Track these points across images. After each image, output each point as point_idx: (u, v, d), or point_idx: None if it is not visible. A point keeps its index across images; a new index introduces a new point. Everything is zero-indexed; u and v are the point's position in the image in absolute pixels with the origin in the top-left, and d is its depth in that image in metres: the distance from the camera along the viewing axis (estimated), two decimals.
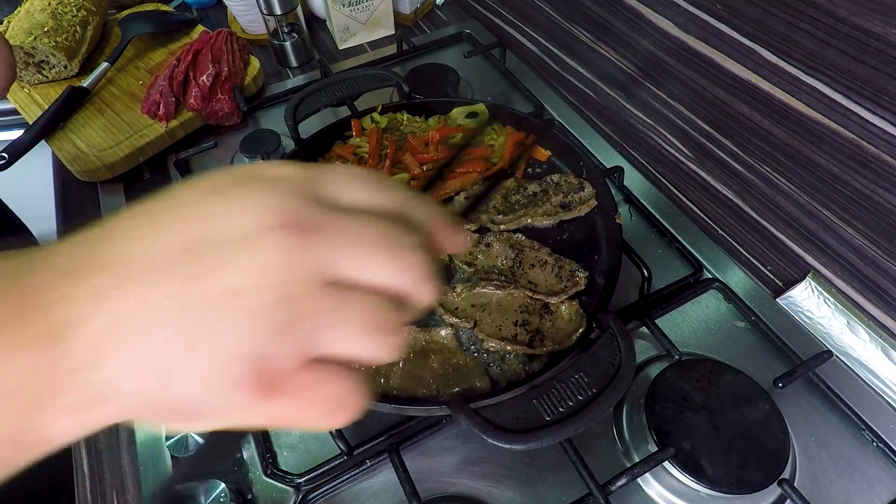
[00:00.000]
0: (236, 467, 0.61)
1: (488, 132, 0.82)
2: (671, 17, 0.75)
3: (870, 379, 0.64)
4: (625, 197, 0.82)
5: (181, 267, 0.24)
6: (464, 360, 0.60)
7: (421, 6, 1.22)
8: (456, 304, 0.64)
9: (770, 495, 0.57)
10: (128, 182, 0.92)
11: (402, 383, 0.58)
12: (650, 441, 0.58)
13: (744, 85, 0.68)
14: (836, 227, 0.64)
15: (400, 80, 0.83)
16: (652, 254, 0.76)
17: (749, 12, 0.64)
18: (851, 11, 0.54)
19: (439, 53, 1.12)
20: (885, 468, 0.59)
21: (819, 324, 0.68)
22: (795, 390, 0.63)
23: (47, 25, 0.98)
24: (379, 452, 0.60)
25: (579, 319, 0.62)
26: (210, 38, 1.00)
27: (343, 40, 1.15)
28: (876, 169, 0.57)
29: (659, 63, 0.80)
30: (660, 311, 0.70)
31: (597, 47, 0.91)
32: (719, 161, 0.76)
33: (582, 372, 0.50)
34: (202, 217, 0.26)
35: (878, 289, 0.63)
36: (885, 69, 0.53)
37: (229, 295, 0.24)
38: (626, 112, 0.90)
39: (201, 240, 0.25)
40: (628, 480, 0.55)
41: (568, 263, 0.67)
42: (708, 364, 0.62)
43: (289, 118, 0.78)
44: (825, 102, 0.59)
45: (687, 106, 0.78)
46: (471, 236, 0.71)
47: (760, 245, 0.75)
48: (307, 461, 0.60)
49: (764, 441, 0.57)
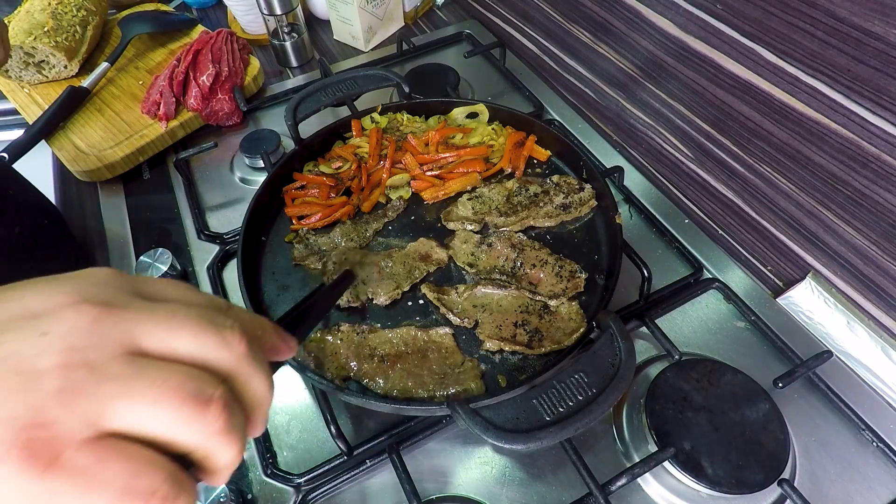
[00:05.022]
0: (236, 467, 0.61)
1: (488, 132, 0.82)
2: (671, 17, 0.75)
3: (870, 379, 0.64)
4: (625, 197, 0.82)
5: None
6: (461, 360, 0.60)
7: (421, 5, 1.22)
8: (458, 304, 0.64)
9: (770, 495, 0.57)
10: (128, 182, 0.92)
11: (401, 382, 0.58)
12: (650, 441, 0.58)
13: (744, 85, 0.68)
14: (836, 227, 0.64)
15: (400, 80, 0.83)
16: (652, 254, 0.76)
17: (749, 12, 0.64)
18: (851, 11, 0.54)
19: (439, 53, 1.12)
20: (885, 468, 0.59)
21: (819, 324, 0.68)
22: (795, 390, 0.63)
23: (47, 25, 0.98)
24: (379, 452, 0.60)
25: (579, 319, 0.62)
26: (210, 38, 1.00)
27: (367, 41, 1.14)
28: (876, 169, 0.57)
29: (659, 63, 0.80)
30: (660, 311, 0.70)
31: (597, 47, 0.91)
32: (719, 161, 0.76)
33: (582, 372, 0.50)
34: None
35: (878, 289, 0.63)
36: (885, 69, 0.53)
37: (15, 359, 0.23)
38: (626, 112, 0.90)
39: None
40: (628, 480, 0.55)
41: (568, 263, 0.67)
42: (708, 364, 0.62)
43: (289, 118, 0.78)
44: (825, 102, 0.59)
45: (687, 106, 0.78)
46: (473, 237, 0.71)
47: (760, 245, 0.75)
48: (307, 461, 0.60)
49: (764, 441, 0.57)
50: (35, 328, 0.24)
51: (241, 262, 0.66)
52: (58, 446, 0.22)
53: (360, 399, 0.56)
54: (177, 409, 0.24)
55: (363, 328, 0.62)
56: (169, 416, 0.24)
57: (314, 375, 0.57)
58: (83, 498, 0.23)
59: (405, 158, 0.79)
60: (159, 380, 0.24)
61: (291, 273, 0.69)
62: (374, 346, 0.61)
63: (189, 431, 0.25)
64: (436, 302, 0.64)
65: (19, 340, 0.23)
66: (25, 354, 0.23)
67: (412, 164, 0.78)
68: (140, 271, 0.74)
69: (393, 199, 0.76)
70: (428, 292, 0.65)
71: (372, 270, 0.67)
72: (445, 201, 0.76)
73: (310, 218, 0.73)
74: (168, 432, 0.25)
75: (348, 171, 0.78)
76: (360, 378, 0.59)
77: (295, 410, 0.65)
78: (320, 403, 0.59)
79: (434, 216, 0.75)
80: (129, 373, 0.24)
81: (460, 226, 0.72)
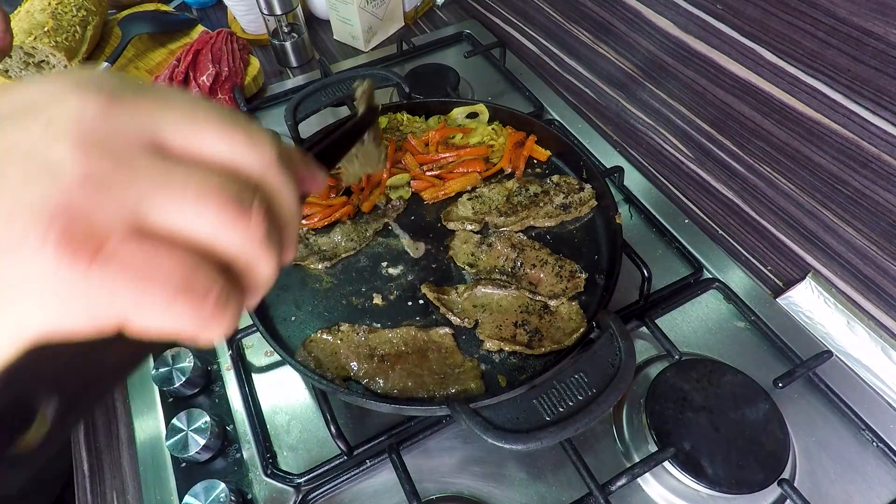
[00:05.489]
0: (236, 467, 0.61)
1: (488, 132, 0.82)
2: (671, 17, 0.75)
3: (870, 379, 0.64)
4: (625, 197, 0.82)
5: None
6: (461, 360, 0.60)
7: (421, 5, 1.22)
8: (458, 304, 0.64)
9: (770, 495, 0.57)
10: None
11: (401, 382, 0.58)
12: (650, 441, 0.58)
13: (744, 85, 0.68)
14: (836, 227, 0.64)
15: (400, 80, 0.83)
16: (652, 254, 0.76)
17: (749, 12, 0.64)
18: (851, 11, 0.54)
19: (439, 53, 1.12)
20: (885, 468, 0.59)
21: (819, 324, 0.68)
22: (795, 390, 0.63)
23: (47, 25, 0.98)
24: (379, 452, 0.60)
25: (579, 319, 0.62)
26: (210, 38, 1.00)
27: (367, 41, 1.14)
28: (876, 169, 0.57)
29: (659, 63, 0.80)
30: (660, 311, 0.70)
31: (597, 47, 0.91)
32: (719, 161, 0.76)
33: (582, 372, 0.50)
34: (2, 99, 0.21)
35: (878, 289, 0.63)
36: (885, 69, 0.53)
37: (23, 146, 0.19)
38: (626, 112, 0.90)
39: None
40: (628, 480, 0.55)
41: (568, 263, 0.67)
42: (708, 364, 0.62)
43: (289, 118, 0.78)
44: (825, 102, 0.59)
45: (687, 106, 0.78)
46: (473, 237, 0.71)
47: (760, 245, 0.75)
48: (307, 461, 0.60)
49: (764, 441, 0.57)
50: (36, 118, 0.20)
51: None
52: (98, 237, 0.19)
53: (360, 399, 0.56)
54: (219, 212, 0.21)
55: (363, 328, 0.62)
56: (212, 218, 0.21)
57: (314, 375, 0.57)
58: (140, 296, 0.20)
59: (405, 158, 0.79)
60: (196, 178, 0.21)
61: (291, 273, 0.69)
62: (374, 346, 0.61)
63: (232, 236, 0.22)
64: (436, 302, 0.64)
65: (21, 130, 0.20)
66: (33, 143, 0.19)
67: (412, 164, 0.78)
68: None
69: (393, 199, 0.76)
70: (428, 292, 0.65)
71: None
72: (445, 201, 0.76)
73: (310, 218, 0.73)
74: (212, 234, 0.22)
75: None
76: (360, 378, 0.59)
77: (295, 410, 0.65)
78: (320, 403, 0.59)
79: (434, 216, 0.75)
80: (160, 167, 0.21)
81: (460, 226, 0.72)
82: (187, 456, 0.59)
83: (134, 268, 0.20)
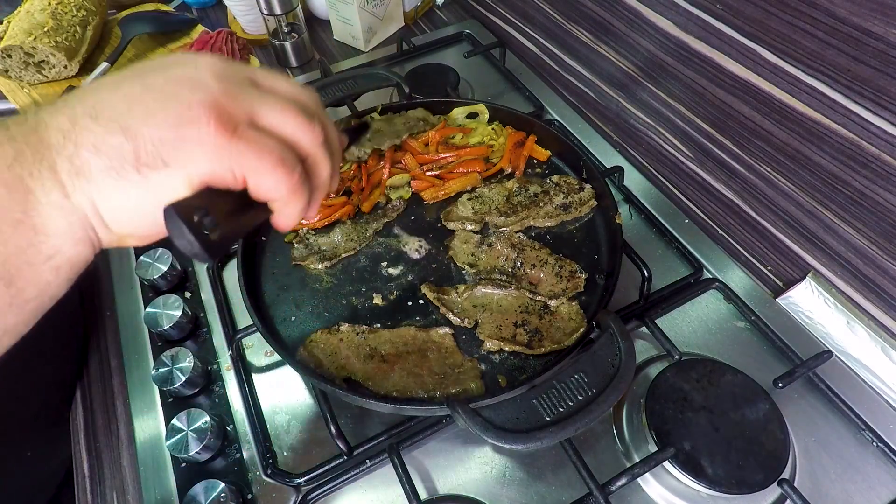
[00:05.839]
0: (236, 467, 0.61)
1: (488, 132, 0.82)
2: (671, 17, 0.75)
3: (870, 379, 0.64)
4: (625, 197, 0.82)
5: (141, 76, 0.35)
6: (461, 360, 0.60)
7: (421, 5, 1.22)
8: (458, 304, 0.64)
9: (770, 495, 0.57)
10: None
11: (401, 382, 0.58)
12: (650, 441, 0.58)
13: (744, 85, 0.68)
14: (836, 227, 0.64)
15: (400, 80, 0.83)
16: (652, 254, 0.76)
17: (749, 12, 0.64)
18: (851, 11, 0.54)
19: (439, 53, 1.12)
20: (885, 468, 0.59)
21: (819, 324, 0.68)
22: (795, 390, 0.63)
23: (47, 25, 0.99)
24: (379, 452, 0.59)
25: (579, 319, 0.62)
26: (210, 38, 1.00)
27: (367, 41, 1.14)
28: (876, 169, 0.57)
29: (659, 63, 0.80)
30: (660, 311, 0.70)
31: (597, 47, 0.91)
32: (719, 161, 0.76)
33: (582, 372, 0.50)
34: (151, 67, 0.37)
35: (878, 289, 0.63)
36: (885, 69, 0.53)
37: (182, 74, 0.35)
38: (626, 112, 0.90)
39: (152, 67, 0.36)
40: (628, 480, 0.55)
41: (568, 263, 0.67)
42: (708, 364, 0.62)
43: None
44: (825, 102, 0.59)
45: (687, 106, 0.78)
46: (473, 237, 0.71)
47: (760, 245, 0.75)
48: (307, 461, 0.60)
49: (764, 441, 0.57)
50: (187, 64, 0.36)
51: (241, 263, 0.66)
52: (235, 121, 0.34)
53: (360, 399, 0.56)
54: (296, 119, 0.38)
55: (363, 328, 0.62)
56: (293, 122, 0.38)
57: (314, 376, 0.57)
58: (256, 160, 0.35)
59: (405, 158, 0.79)
60: (281, 101, 0.38)
61: (291, 273, 0.69)
62: (374, 346, 0.61)
63: (304, 136, 0.38)
64: (436, 302, 0.64)
65: (182, 68, 0.35)
66: (191, 75, 0.35)
67: (412, 164, 0.78)
68: (140, 271, 0.74)
69: (393, 199, 0.76)
70: (428, 292, 0.65)
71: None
72: (445, 201, 0.76)
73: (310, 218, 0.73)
74: (293, 134, 0.38)
75: (348, 171, 0.78)
76: (360, 378, 0.59)
77: (295, 410, 0.65)
78: (320, 403, 0.59)
79: (434, 216, 0.75)
80: (260, 92, 0.37)
81: (460, 226, 0.72)
82: (187, 456, 0.59)
83: (254, 143, 0.35)
